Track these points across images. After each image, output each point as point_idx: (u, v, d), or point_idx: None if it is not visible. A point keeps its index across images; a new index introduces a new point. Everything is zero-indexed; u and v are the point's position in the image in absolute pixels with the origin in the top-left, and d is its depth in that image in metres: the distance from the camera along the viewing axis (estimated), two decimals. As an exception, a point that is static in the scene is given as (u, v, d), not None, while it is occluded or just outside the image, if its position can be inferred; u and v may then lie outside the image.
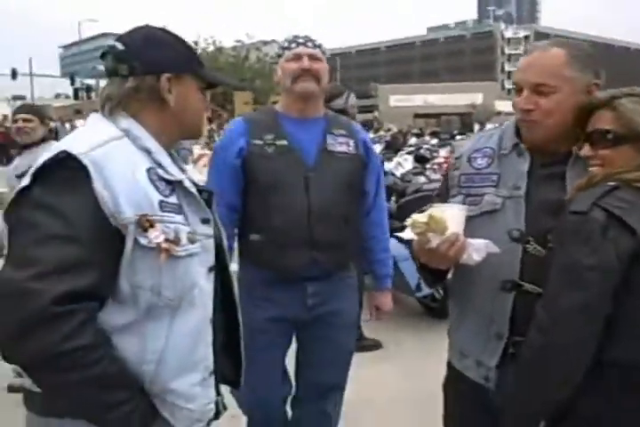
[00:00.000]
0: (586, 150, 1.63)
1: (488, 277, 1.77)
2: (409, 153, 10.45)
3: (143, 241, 1.41)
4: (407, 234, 1.73)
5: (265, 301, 2.58)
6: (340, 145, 2.60)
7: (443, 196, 1.95)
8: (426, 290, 5.01)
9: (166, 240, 1.44)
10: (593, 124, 1.62)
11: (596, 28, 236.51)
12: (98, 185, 1.38)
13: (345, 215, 2.57)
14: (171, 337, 1.48)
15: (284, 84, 2.56)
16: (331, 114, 2.73)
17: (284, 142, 2.56)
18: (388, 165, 9.52)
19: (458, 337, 1.94)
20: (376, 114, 33.62)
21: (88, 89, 36.98)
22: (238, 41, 39.69)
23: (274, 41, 42.61)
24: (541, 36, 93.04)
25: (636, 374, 1.51)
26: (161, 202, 1.46)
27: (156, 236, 1.42)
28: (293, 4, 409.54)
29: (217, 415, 1.67)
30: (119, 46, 1.54)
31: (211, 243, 1.59)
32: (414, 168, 8.64)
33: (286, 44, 2.58)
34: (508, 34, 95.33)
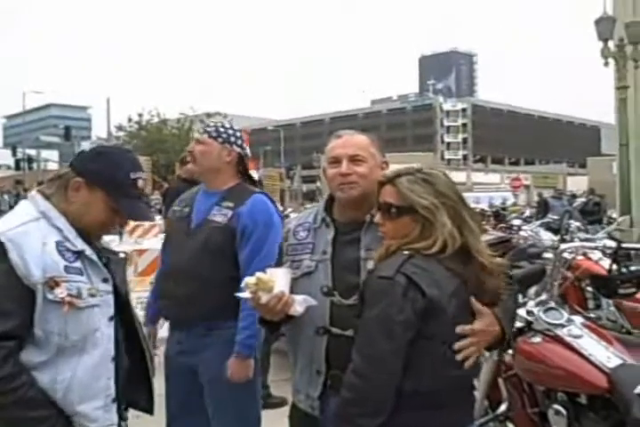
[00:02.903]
0: (377, 218, 2.07)
1: (306, 325, 2.20)
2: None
3: (50, 296, 1.88)
4: (244, 294, 2.15)
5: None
6: (220, 216, 2.95)
7: (279, 263, 2.38)
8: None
9: (69, 295, 1.90)
10: (381, 196, 2.05)
11: (526, 101, 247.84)
12: (13, 255, 1.86)
13: (200, 275, 2.88)
14: (77, 371, 1.93)
15: None
16: (239, 187, 3.04)
17: (187, 210, 3.07)
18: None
19: (294, 377, 2.34)
20: (318, 184, 34.42)
21: (29, 160, 36.78)
22: (182, 113, 40.48)
23: (218, 113, 43.54)
24: (478, 107, 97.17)
25: (427, 397, 1.91)
26: (66, 266, 1.93)
27: (60, 292, 1.89)
28: (239, 77, 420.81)
29: None
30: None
31: (110, 298, 2.05)
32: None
33: None
34: (447, 106, 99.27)
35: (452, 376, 1.94)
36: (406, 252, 1.93)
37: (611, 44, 12.96)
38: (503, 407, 3.25)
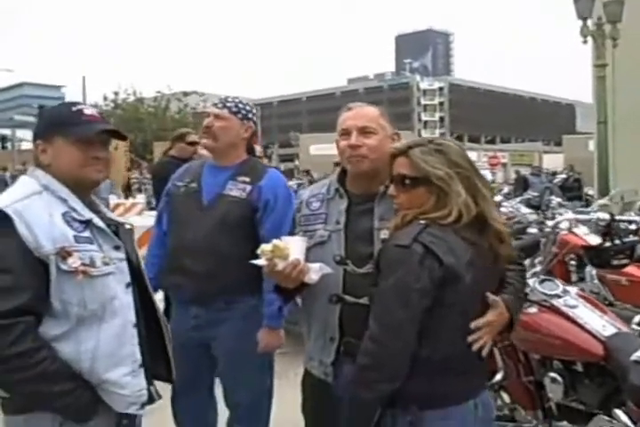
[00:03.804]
0: (391, 190, 2.09)
1: (320, 293, 2.25)
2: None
3: (64, 267, 1.89)
4: (260, 261, 2.16)
5: (172, 317, 3.06)
6: (237, 190, 2.94)
7: (292, 233, 2.41)
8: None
9: (83, 264, 1.92)
10: (395, 168, 2.06)
11: (504, 79, 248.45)
12: (21, 228, 1.86)
13: (220, 251, 2.88)
14: (100, 339, 1.95)
15: None
16: (250, 162, 3.05)
17: (194, 185, 3.03)
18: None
19: (308, 344, 2.40)
20: (297, 162, 34.30)
21: (3, 139, 35.88)
22: (159, 91, 39.95)
23: (195, 92, 43.00)
24: (455, 86, 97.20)
25: (440, 363, 1.95)
26: (75, 236, 1.94)
27: (73, 261, 1.90)
28: (214, 56, 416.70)
29: (151, 401, 2.11)
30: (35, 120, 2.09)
31: (124, 265, 2.06)
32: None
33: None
34: (424, 85, 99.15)
35: (466, 344, 1.98)
36: (422, 221, 1.95)
37: (589, 22, 13.03)
38: (498, 377, 3.31)
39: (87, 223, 2.00)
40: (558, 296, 3.08)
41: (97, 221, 2.04)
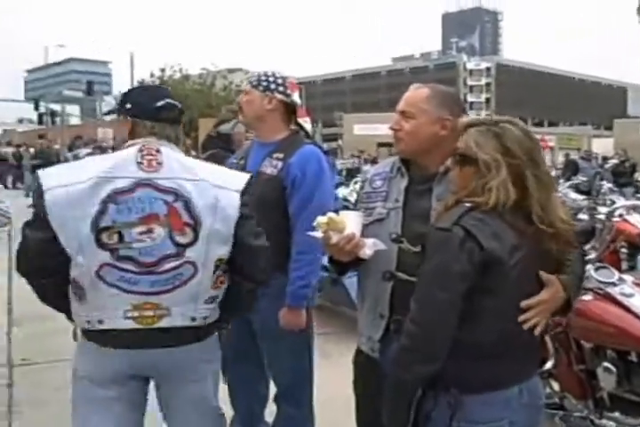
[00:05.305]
0: (449, 161, 2.08)
1: (374, 269, 2.28)
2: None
3: None
4: (316, 233, 2.20)
5: None
6: (270, 168, 2.94)
7: (354, 210, 2.44)
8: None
9: None
10: (458, 142, 2.04)
11: (551, 61, 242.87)
12: None
13: None
14: None
15: None
16: (290, 139, 3.03)
17: (242, 162, 3.08)
18: (343, 191, 9.98)
19: (360, 320, 2.42)
20: (340, 142, 34.22)
21: (52, 114, 36.32)
22: (204, 69, 40.16)
23: (240, 69, 43.12)
24: (502, 67, 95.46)
25: (482, 348, 1.94)
26: None
27: None
28: (260, 33, 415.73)
29: None
30: (179, 105, 2.37)
31: None
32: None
33: None
34: (470, 66, 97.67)
35: (509, 330, 1.95)
36: (467, 204, 1.93)
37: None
38: (549, 364, 3.28)
39: None
40: (614, 284, 3.03)
41: None
